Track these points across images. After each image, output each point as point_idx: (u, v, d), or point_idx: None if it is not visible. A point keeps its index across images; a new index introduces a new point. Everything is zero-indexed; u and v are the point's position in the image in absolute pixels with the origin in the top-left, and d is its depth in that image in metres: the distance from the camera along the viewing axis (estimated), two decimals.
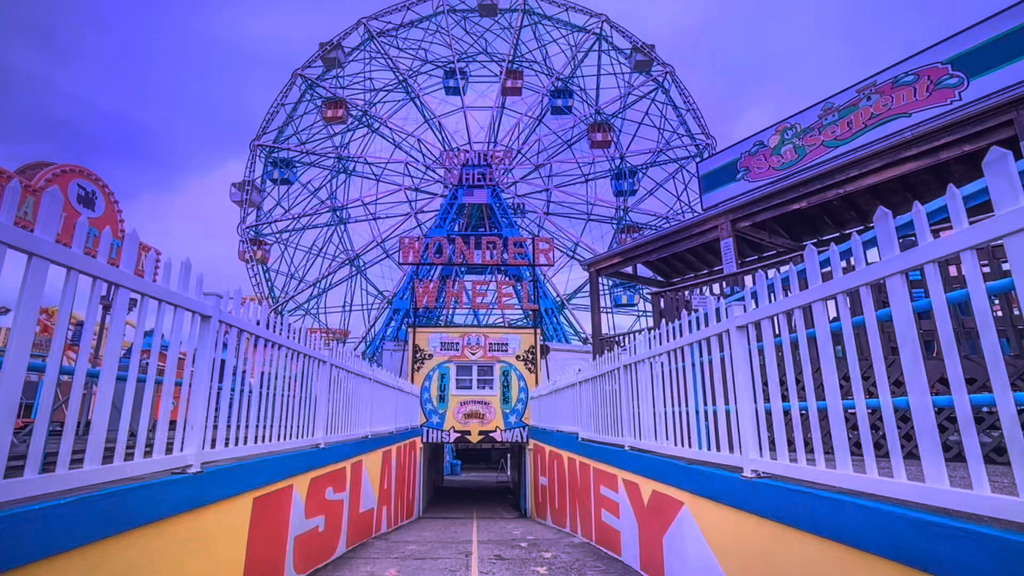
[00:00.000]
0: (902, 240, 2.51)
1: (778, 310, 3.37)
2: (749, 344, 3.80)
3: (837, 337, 4.26)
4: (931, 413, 2.31)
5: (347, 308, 45.18)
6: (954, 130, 8.78)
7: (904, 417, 5.25)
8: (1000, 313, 4.83)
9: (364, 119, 45.39)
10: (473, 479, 32.46)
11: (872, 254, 2.78)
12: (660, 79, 43.13)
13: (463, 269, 36.89)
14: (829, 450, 4.76)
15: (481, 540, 8.44)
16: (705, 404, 4.55)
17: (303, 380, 5.92)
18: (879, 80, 11.99)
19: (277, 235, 44.19)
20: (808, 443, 5.66)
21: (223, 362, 4.14)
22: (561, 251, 41.85)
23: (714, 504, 4.10)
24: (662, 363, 5.47)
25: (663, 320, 7.90)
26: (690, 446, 4.77)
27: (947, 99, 10.72)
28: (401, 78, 44.67)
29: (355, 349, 38.50)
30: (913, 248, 2.34)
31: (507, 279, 35.96)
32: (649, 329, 6.24)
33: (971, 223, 2.09)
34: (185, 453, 3.55)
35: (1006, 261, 4.80)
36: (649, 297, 12.44)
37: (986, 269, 5.04)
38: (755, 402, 3.71)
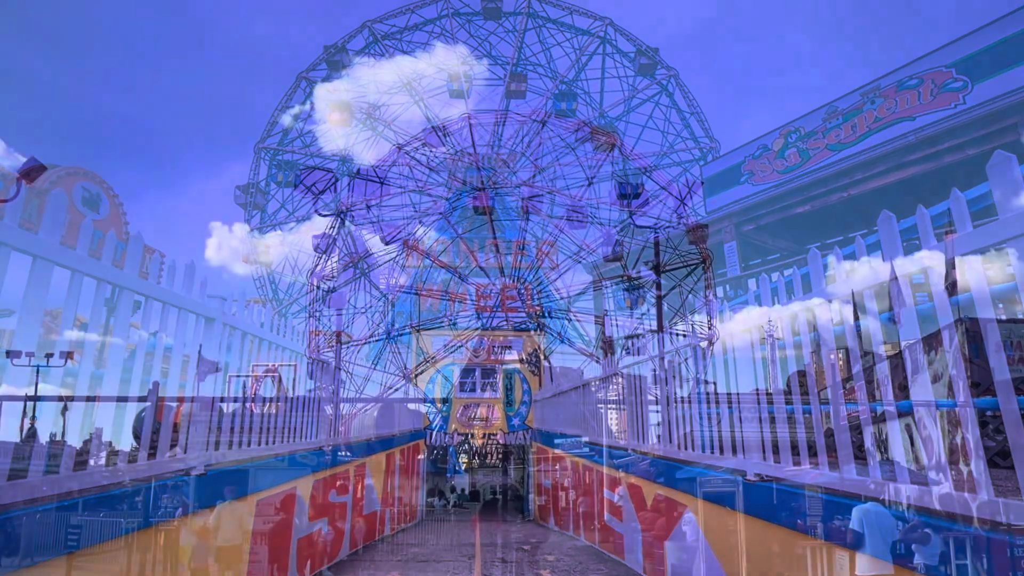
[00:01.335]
0: (906, 244, 2.52)
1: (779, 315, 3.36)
2: (752, 350, 3.80)
3: (840, 340, 4.24)
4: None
5: (350, 311, 45.17)
6: (958, 134, 8.76)
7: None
8: (1003, 316, 4.81)
9: (368, 122, 45.47)
10: (476, 481, 32.35)
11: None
12: (664, 82, 43.10)
13: (467, 272, 36.83)
14: (832, 454, 4.74)
15: (484, 543, 8.42)
16: (708, 408, 4.54)
17: (306, 382, 5.94)
18: (883, 84, 11.98)
19: (281, 237, 44.24)
20: (811, 447, 5.64)
21: (227, 364, 4.15)
22: (565, 254, 41.78)
23: (717, 507, 4.09)
24: (664, 367, 5.46)
25: (664, 323, 7.90)
26: (693, 449, 4.76)
27: (951, 103, 10.70)
28: (405, 81, 44.75)
29: (358, 351, 38.46)
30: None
31: (510, 282, 35.85)
32: (652, 332, 6.24)
33: (975, 227, 2.09)
34: (188, 455, 3.56)
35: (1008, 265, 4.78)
36: (653, 300, 12.44)
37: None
38: (759, 406, 3.71)
